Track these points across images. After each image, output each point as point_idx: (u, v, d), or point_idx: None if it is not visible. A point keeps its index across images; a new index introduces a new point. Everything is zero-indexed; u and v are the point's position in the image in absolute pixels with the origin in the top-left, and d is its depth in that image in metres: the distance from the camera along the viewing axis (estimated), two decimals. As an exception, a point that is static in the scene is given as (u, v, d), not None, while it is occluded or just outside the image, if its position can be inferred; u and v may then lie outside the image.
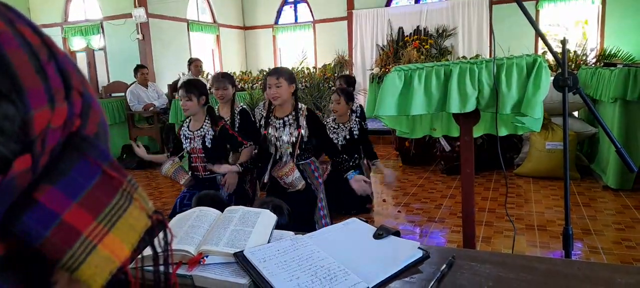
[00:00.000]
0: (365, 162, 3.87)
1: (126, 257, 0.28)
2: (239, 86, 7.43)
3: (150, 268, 0.33)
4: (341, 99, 3.69)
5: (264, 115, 2.76)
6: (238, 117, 3.34)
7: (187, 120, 2.92)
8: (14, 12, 0.26)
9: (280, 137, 2.66)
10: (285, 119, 2.66)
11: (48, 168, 0.25)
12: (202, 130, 2.82)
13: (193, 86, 2.82)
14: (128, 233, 0.28)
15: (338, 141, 3.74)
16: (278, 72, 2.63)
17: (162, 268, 0.34)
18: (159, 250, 0.32)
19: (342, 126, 3.76)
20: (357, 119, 3.79)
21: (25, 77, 0.24)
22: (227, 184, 2.81)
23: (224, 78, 3.34)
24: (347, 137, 3.73)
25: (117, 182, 0.28)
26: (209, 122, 2.83)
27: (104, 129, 0.30)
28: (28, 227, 0.24)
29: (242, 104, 3.59)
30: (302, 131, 2.64)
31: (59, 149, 0.26)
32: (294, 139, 2.64)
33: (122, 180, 0.28)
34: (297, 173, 2.60)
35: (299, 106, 2.69)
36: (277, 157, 2.71)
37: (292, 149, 2.65)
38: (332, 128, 3.79)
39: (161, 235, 0.32)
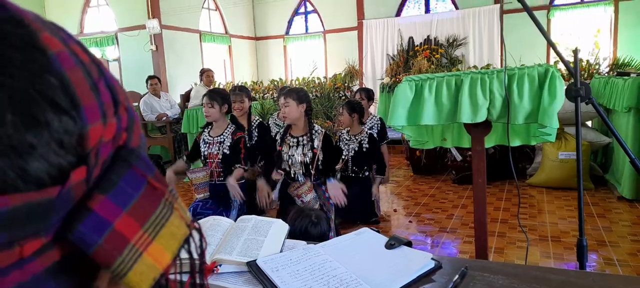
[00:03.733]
0: (373, 174, 3.89)
1: (168, 264, 0.29)
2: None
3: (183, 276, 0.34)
4: (344, 111, 3.76)
5: (281, 132, 2.81)
6: (256, 131, 3.40)
7: (208, 126, 2.98)
8: (64, 31, 0.28)
9: (293, 155, 2.69)
10: (300, 138, 2.69)
11: (100, 179, 0.27)
12: (222, 137, 2.89)
13: (216, 94, 2.90)
14: (170, 242, 0.29)
15: (348, 153, 3.78)
16: (287, 92, 2.67)
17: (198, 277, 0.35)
18: (196, 258, 0.33)
19: (354, 138, 3.80)
20: (367, 132, 3.82)
21: (82, 94, 0.26)
22: (233, 194, 2.82)
23: (241, 91, 3.43)
24: (356, 149, 3.77)
25: (160, 193, 0.29)
26: (230, 130, 2.90)
27: (144, 142, 0.32)
28: (83, 234, 0.25)
29: (257, 116, 3.67)
30: (319, 153, 2.67)
31: (109, 161, 0.27)
32: (307, 159, 2.67)
33: (164, 191, 0.29)
34: (314, 194, 2.64)
35: (316, 128, 2.72)
36: (292, 175, 2.74)
37: (304, 169, 2.68)
38: (345, 140, 3.84)
39: (197, 243, 0.33)
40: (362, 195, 3.76)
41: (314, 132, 2.70)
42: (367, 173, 3.82)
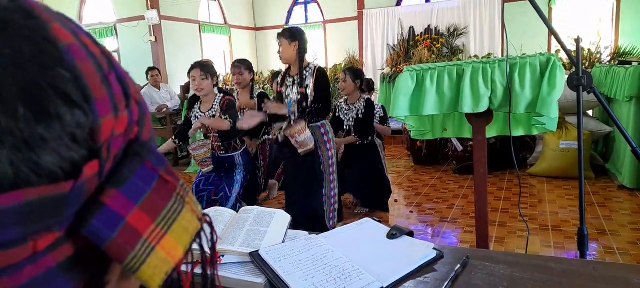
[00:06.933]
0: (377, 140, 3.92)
1: (180, 258, 0.29)
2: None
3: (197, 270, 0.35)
4: (347, 77, 3.76)
5: (283, 73, 2.86)
6: (256, 99, 3.40)
7: (197, 102, 2.98)
8: (73, 23, 0.28)
9: (289, 95, 2.73)
10: (295, 77, 2.74)
11: (112, 173, 0.26)
12: (212, 110, 2.92)
13: (206, 66, 2.93)
14: (182, 236, 0.29)
15: (349, 122, 3.79)
16: (279, 34, 2.76)
17: (209, 270, 0.35)
18: (207, 251, 0.33)
19: (353, 107, 3.82)
20: (365, 99, 3.83)
21: (93, 87, 0.25)
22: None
23: (240, 63, 3.38)
24: (355, 117, 3.80)
25: (171, 186, 0.29)
26: (218, 101, 2.94)
27: (154, 136, 0.32)
28: (97, 228, 0.25)
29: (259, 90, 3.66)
30: (307, 91, 2.69)
31: (120, 155, 0.27)
32: (299, 96, 2.69)
33: (176, 185, 0.29)
34: (308, 133, 2.65)
35: (310, 66, 2.75)
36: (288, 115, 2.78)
37: (297, 107, 2.70)
38: (343, 109, 3.86)
39: (209, 237, 0.33)
40: (372, 175, 3.76)
41: (305, 70, 2.72)
42: (371, 139, 3.83)
